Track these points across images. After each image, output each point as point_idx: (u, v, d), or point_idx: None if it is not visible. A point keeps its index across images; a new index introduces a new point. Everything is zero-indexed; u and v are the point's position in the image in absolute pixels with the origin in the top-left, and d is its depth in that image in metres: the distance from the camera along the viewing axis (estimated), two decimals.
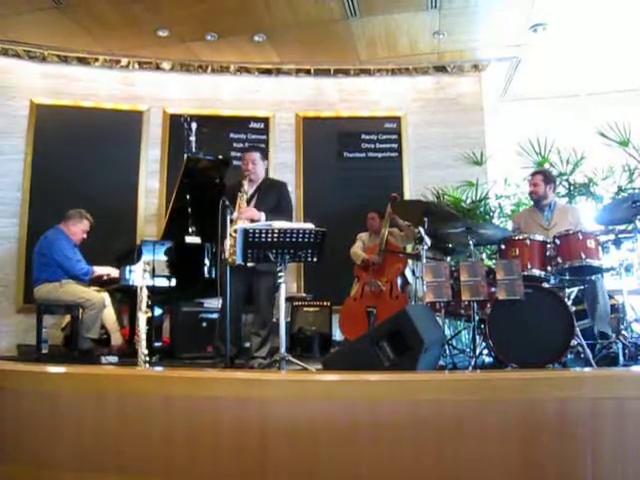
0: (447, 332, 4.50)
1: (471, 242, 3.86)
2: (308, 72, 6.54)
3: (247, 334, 4.21)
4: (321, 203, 6.20)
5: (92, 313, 4.44)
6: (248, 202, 4.04)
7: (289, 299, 5.26)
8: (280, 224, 3.41)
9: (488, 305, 3.65)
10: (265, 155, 4.50)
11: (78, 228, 4.72)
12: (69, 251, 4.57)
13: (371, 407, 2.02)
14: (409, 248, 5.12)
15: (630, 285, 3.78)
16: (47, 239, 4.60)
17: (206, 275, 4.62)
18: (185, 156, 5.03)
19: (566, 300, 3.57)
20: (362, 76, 6.56)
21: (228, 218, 3.68)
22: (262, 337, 3.99)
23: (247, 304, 4.10)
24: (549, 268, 3.71)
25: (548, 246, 3.74)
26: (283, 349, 3.35)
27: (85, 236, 4.79)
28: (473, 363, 3.55)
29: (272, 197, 4.13)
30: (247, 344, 4.23)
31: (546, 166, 5.57)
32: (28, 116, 6.00)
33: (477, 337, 3.70)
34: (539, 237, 3.81)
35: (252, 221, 3.86)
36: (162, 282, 4.52)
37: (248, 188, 4.05)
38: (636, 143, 5.41)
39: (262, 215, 3.92)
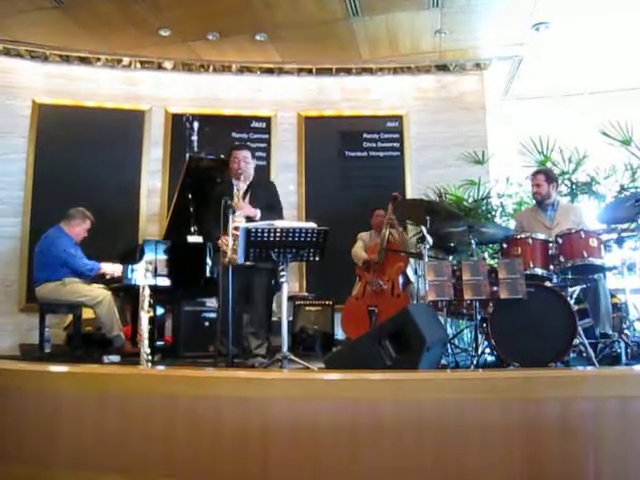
0: (449, 331, 4.49)
1: (473, 241, 3.85)
2: (310, 71, 6.54)
3: (246, 333, 4.20)
4: (323, 202, 6.19)
5: (104, 310, 4.38)
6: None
7: (291, 298, 5.25)
8: (282, 223, 3.42)
9: (490, 304, 3.63)
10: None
11: (81, 228, 4.69)
12: (71, 248, 4.53)
13: (373, 406, 2.02)
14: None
15: (633, 284, 3.77)
16: (48, 238, 4.57)
17: (208, 274, 4.62)
18: (187, 156, 5.04)
19: (568, 299, 3.56)
20: (364, 75, 6.56)
21: (230, 218, 3.67)
22: (261, 337, 3.99)
23: (246, 303, 4.09)
24: (551, 267, 3.70)
25: (550, 245, 3.72)
26: (285, 348, 3.35)
27: (86, 235, 4.75)
28: (475, 362, 3.55)
29: (264, 195, 4.12)
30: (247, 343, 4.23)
31: (548, 165, 5.56)
32: (30, 116, 6.01)
33: (479, 336, 3.69)
34: (541, 236, 3.79)
35: (248, 218, 3.86)
36: (164, 281, 4.53)
37: (240, 186, 4.02)
38: (638, 142, 5.38)
39: (257, 212, 3.93)
